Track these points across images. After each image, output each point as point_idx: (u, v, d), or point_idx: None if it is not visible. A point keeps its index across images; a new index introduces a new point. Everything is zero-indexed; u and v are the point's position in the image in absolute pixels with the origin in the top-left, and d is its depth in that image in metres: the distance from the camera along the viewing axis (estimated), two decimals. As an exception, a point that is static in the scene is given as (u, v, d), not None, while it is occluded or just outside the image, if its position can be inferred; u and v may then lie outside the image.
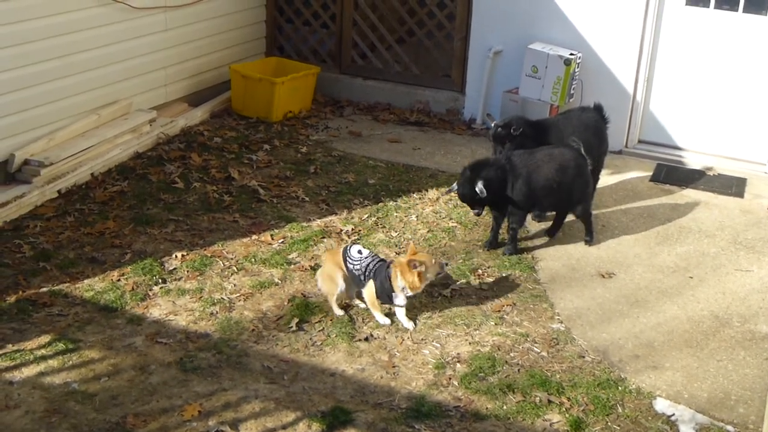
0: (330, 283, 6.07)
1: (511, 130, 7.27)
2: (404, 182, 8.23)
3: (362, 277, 5.98)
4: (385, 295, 5.97)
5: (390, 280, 5.90)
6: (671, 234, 7.52)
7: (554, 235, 7.30)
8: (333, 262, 6.10)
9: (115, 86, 8.61)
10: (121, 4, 8.42)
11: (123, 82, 8.70)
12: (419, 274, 5.84)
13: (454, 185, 6.97)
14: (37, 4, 7.54)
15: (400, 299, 5.96)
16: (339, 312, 6.08)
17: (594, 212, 7.73)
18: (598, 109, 7.71)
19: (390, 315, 6.09)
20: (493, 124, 7.48)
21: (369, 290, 5.99)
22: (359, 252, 6.06)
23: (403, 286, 5.89)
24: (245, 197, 7.79)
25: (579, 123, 7.52)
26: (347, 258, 6.03)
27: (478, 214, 7.10)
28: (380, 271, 5.94)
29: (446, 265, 6.19)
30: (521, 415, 5.21)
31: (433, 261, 5.96)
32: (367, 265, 5.99)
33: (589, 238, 7.26)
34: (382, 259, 6.10)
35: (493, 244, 7.10)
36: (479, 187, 6.67)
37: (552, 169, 6.86)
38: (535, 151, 6.97)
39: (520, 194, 6.81)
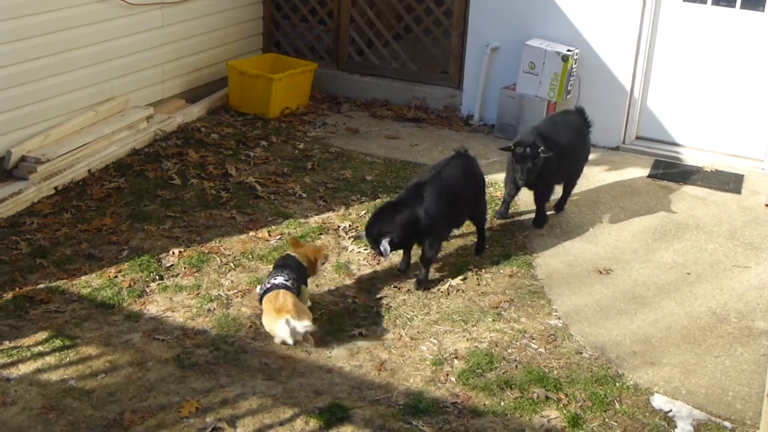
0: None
1: (539, 151, 6.90)
2: (402, 179, 8.22)
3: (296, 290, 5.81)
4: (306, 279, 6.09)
5: (305, 267, 6.03)
6: (669, 230, 7.52)
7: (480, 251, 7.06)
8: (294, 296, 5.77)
9: (112, 83, 8.60)
10: (118, 1, 8.40)
11: (120, 78, 8.68)
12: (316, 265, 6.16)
13: (362, 233, 6.51)
14: (33, 1, 7.52)
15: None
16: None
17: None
18: (580, 112, 7.71)
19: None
20: (512, 145, 7.04)
21: (306, 294, 6.00)
22: (286, 281, 5.74)
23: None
24: (242, 194, 7.79)
25: (565, 127, 7.48)
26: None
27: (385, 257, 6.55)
28: (299, 270, 5.93)
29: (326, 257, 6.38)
30: (519, 411, 5.21)
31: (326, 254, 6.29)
32: (293, 279, 5.78)
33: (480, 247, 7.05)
34: (282, 265, 5.94)
35: (407, 265, 6.74)
36: (383, 247, 6.26)
37: (458, 183, 6.64)
38: (437, 174, 6.68)
39: (433, 219, 6.43)
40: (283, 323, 5.52)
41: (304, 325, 5.55)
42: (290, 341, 5.63)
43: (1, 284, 6.21)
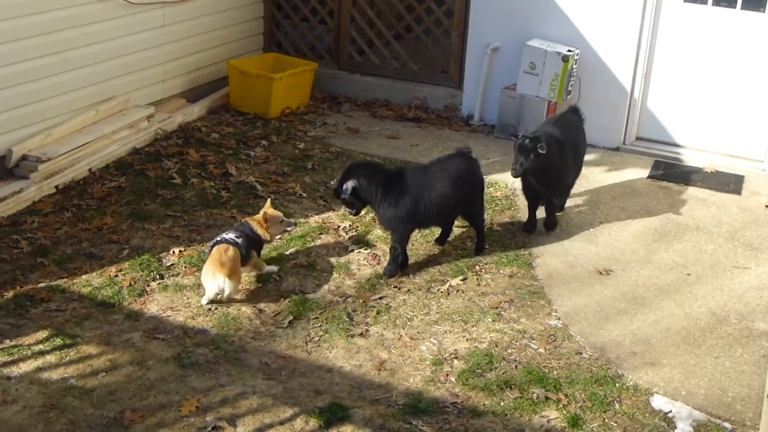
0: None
1: (537, 146, 6.85)
2: (402, 178, 8.21)
3: (246, 253, 6.24)
4: (261, 247, 6.48)
5: (256, 233, 6.38)
6: (669, 231, 7.52)
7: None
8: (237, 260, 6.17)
9: (113, 82, 8.60)
10: (119, 0, 8.40)
11: (121, 77, 8.69)
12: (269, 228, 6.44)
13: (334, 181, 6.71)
14: (33, 1, 7.53)
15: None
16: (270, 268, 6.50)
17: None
18: (576, 110, 7.70)
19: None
20: (520, 136, 7.06)
21: (256, 261, 6.39)
22: (237, 237, 6.21)
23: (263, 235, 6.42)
24: (243, 193, 7.79)
25: (575, 129, 7.49)
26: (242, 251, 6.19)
27: (352, 214, 6.82)
28: (249, 235, 6.31)
29: (293, 224, 6.73)
30: (518, 412, 5.22)
31: (277, 213, 6.53)
32: (243, 240, 6.22)
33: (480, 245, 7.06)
34: (235, 227, 6.44)
35: (405, 264, 6.73)
36: (345, 185, 6.48)
37: (446, 180, 6.66)
38: (429, 164, 6.88)
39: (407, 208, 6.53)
40: (219, 279, 5.99)
41: (230, 286, 6.02)
42: (212, 296, 6.07)
43: (1, 283, 6.21)
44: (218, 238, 6.20)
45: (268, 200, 6.69)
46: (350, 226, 7.30)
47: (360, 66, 10.48)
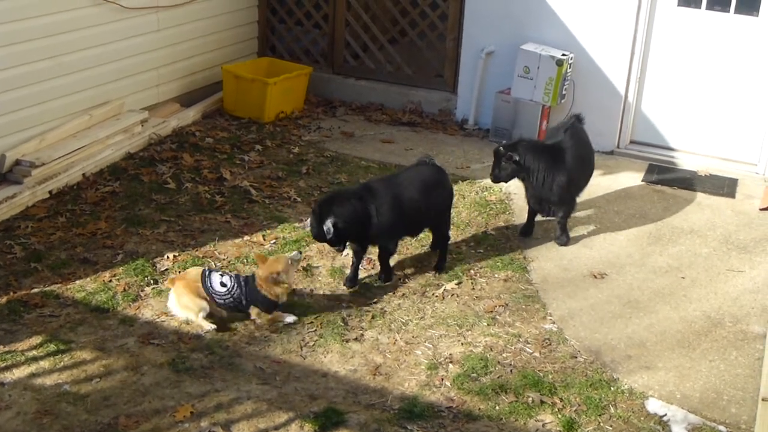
0: (191, 308, 5.91)
1: (508, 155, 6.92)
2: (397, 183, 8.21)
3: (242, 305, 5.93)
4: (271, 306, 5.95)
5: (260, 295, 5.91)
6: (663, 234, 7.53)
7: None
8: (191, 291, 5.89)
9: (107, 87, 8.59)
10: (113, 4, 8.39)
11: (115, 82, 8.67)
12: (280, 283, 5.91)
13: (306, 221, 6.41)
14: (28, 5, 7.51)
15: (283, 299, 6.00)
16: (208, 326, 5.89)
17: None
18: (581, 119, 7.55)
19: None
20: (500, 144, 7.13)
21: (257, 314, 5.96)
22: (222, 285, 5.89)
23: (272, 298, 5.93)
24: (237, 198, 7.78)
25: (584, 138, 7.42)
26: (213, 294, 5.87)
27: (340, 251, 6.58)
28: (252, 291, 5.90)
29: (299, 254, 6.25)
30: (513, 416, 5.21)
31: (286, 263, 5.94)
32: (239, 293, 5.89)
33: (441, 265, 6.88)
34: (245, 277, 6.00)
35: (354, 281, 6.55)
36: (327, 227, 6.14)
37: (416, 189, 6.54)
38: (396, 175, 6.77)
39: (386, 222, 6.35)
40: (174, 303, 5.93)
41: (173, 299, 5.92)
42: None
43: (-5, 288, 6.21)
44: (207, 268, 6.06)
45: (279, 256, 6.22)
46: (345, 230, 7.29)
47: (354, 70, 10.48)
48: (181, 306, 5.90)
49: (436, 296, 6.45)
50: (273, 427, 5.01)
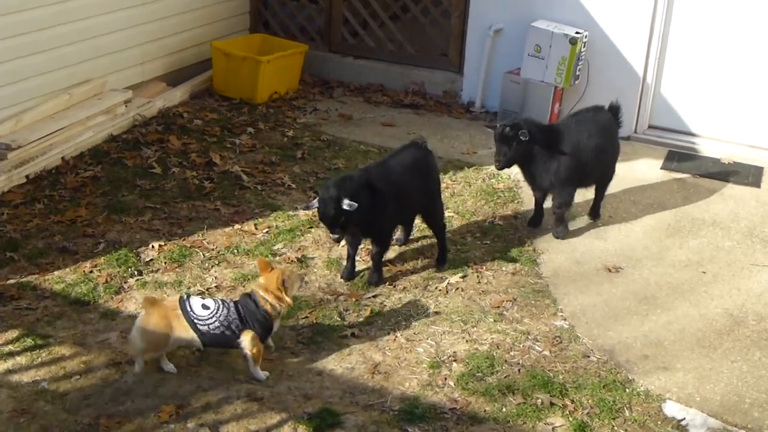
0: (156, 342, 5.29)
1: (519, 133, 6.81)
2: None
3: (232, 332, 5.28)
4: (267, 331, 5.42)
5: (262, 309, 5.35)
6: (683, 226, 7.54)
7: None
8: (162, 317, 5.23)
9: (88, 64, 8.59)
10: (95, -24, 8.41)
11: (96, 59, 8.67)
12: (286, 291, 5.42)
13: (314, 201, 6.22)
14: (3, -24, 7.53)
15: (276, 325, 5.49)
16: (168, 366, 5.43)
17: (601, 202, 7.75)
18: (615, 110, 7.42)
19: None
20: (498, 125, 7.02)
21: (251, 341, 5.31)
22: (205, 307, 5.27)
23: (278, 308, 5.42)
24: (227, 184, 7.79)
25: (595, 127, 7.22)
26: (194, 320, 5.21)
27: (338, 240, 6.40)
28: (250, 310, 5.33)
29: (305, 276, 6.12)
30: (521, 418, 5.23)
31: (293, 274, 5.55)
32: (227, 315, 5.29)
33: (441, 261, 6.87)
34: (239, 300, 5.42)
35: (352, 273, 6.56)
36: (347, 203, 5.97)
37: (411, 174, 6.52)
38: (385, 159, 6.68)
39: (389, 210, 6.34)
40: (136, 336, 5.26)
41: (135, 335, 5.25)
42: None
43: (-32, 279, 6.22)
44: (185, 295, 5.36)
45: (259, 258, 6.08)
46: (342, 219, 7.30)
47: (353, 48, 10.48)
48: (144, 333, 5.25)
49: (440, 290, 6.46)
50: (264, 428, 5.02)
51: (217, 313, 5.26)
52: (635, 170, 8.54)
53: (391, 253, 6.74)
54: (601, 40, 9.09)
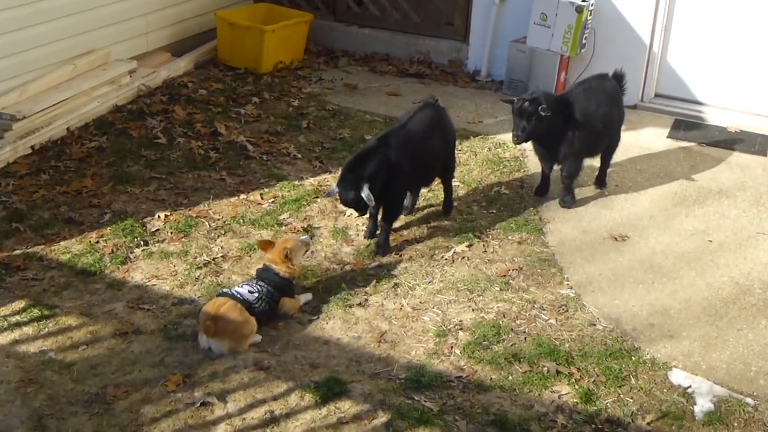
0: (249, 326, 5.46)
1: (539, 109, 6.75)
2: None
3: (270, 306, 5.60)
4: (293, 289, 5.81)
5: (283, 278, 5.70)
6: (689, 195, 7.51)
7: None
8: (238, 312, 5.40)
9: (92, 34, 8.54)
10: (98, -55, 8.35)
11: (100, 29, 8.63)
12: (293, 261, 5.73)
13: (334, 187, 6.29)
14: (6, -55, 7.47)
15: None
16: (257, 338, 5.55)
17: (607, 171, 7.72)
18: (619, 77, 7.42)
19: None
20: (516, 99, 6.94)
21: (289, 305, 5.72)
22: (250, 292, 5.52)
23: (294, 273, 5.78)
24: (233, 154, 7.77)
25: (603, 95, 7.20)
26: (250, 306, 5.45)
27: (363, 214, 6.53)
28: (274, 281, 5.65)
29: (309, 238, 6.16)
30: (528, 386, 5.23)
31: (295, 243, 5.79)
32: (266, 290, 5.59)
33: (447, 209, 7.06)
34: (259, 275, 5.72)
35: (374, 233, 6.63)
36: (365, 193, 6.07)
37: (428, 136, 6.57)
38: (403, 124, 6.62)
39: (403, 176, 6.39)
40: (202, 340, 5.37)
41: (218, 347, 5.33)
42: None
43: (-26, 250, 6.22)
44: (225, 290, 5.61)
45: (287, 237, 6.21)
46: (348, 189, 7.28)
47: (358, 17, 10.42)
48: (235, 336, 5.40)
49: (446, 259, 6.45)
50: (271, 397, 5.03)
51: (260, 291, 5.56)
52: (641, 139, 8.49)
53: (396, 222, 6.72)
54: (608, 8, 9.02)
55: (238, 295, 5.46)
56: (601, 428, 4.95)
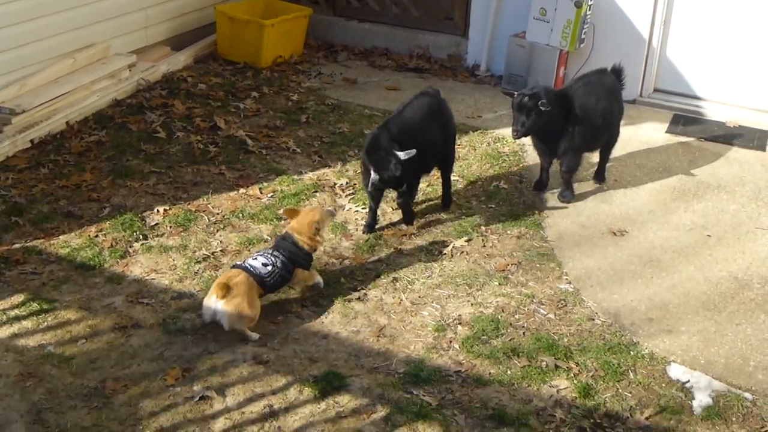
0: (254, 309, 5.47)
1: (539, 104, 6.73)
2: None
3: (283, 277, 5.66)
4: (310, 262, 5.84)
5: (303, 250, 5.74)
6: (688, 189, 7.50)
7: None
8: (249, 287, 5.44)
9: (92, 28, 8.53)
10: (98, -61, 8.33)
11: (100, 23, 8.61)
12: (318, 232, 5.82)
13: (374, 175, 6.29)
14: (5, -62, 7.45)
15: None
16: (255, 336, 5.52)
17: (606, 165, 7.71)
18: (618, 72, 7.43)
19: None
20: (516, 94, 6.93)
21: (301, 276, 5.77)
22: (264, 265, 5.56)
23: (315, 246, 5.85)
24: (232, 148, 7.76)
25: (602, 90, 7.20)
26: (263, 280, 5.50)
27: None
28: (293, 251, 5.70)
29: (334, 210, 6.26)
30: (526, 381, 5.22)
31: (323, 213, 5.88)
32: (281, 262, 5.62)
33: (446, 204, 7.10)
34: (277, 244, 5.77)
35: (372, 227, 6.67)
36: (403, 155, 6.18)
37: (433, 122, 6.64)
38: (402, 111, 6.66)
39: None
40: (212, 301, 5.36)
41: (226, 313, 5.33)
42: (207, 320, 5.44)
43: (-27, 243, 6.21)
44: (239, 262, 5.66)
45: (313, 206, 6.28)
46: (347, 183, 7.28)
47: (357, 12, 10.40)
48: (245, 306, 5.39)
49: (444, 254, 6.44)
50: (270, 391, 5.03)
51: (275, 263, 5.60)
52: (640, 134, 8.48)
53: (395, 217, 6.72)
54: (607, 2, 9.00)
55: (251, 269, 5.50)
56: (600, 422, 4.94)
